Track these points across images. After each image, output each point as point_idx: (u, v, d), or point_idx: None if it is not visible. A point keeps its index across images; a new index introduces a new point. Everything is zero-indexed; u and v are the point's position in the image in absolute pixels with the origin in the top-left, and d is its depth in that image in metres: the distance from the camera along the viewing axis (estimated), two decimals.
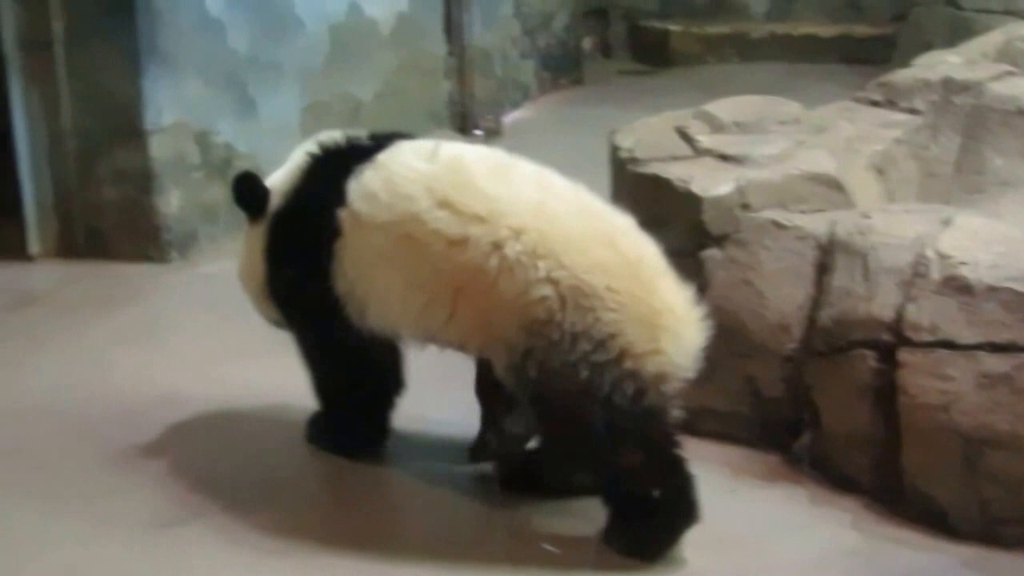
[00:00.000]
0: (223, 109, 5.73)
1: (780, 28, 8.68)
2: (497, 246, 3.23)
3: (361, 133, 3.67)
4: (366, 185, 3.44)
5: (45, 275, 5.47)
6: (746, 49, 8.65)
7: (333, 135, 3.68)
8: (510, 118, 7.67)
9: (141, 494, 3.72)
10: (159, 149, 5.45)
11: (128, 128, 5.42)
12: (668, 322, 3.17)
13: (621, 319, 3.13)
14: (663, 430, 3.23)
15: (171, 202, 5.50)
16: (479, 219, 3.25)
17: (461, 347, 3.40)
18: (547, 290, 3.18)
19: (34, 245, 5.59)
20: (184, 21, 5.51)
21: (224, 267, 5.24)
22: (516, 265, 3.20)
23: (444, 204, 3.31)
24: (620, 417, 3.15)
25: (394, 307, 3.44)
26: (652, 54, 8.84)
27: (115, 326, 4.90)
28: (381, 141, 3.58)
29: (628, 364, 3.14)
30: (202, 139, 5.62)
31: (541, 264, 3.18)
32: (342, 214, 3.47)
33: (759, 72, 8.07)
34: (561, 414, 3.24)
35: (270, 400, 4.19)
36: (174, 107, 5.50)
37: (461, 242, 3.27)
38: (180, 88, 5.52)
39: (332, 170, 3.54)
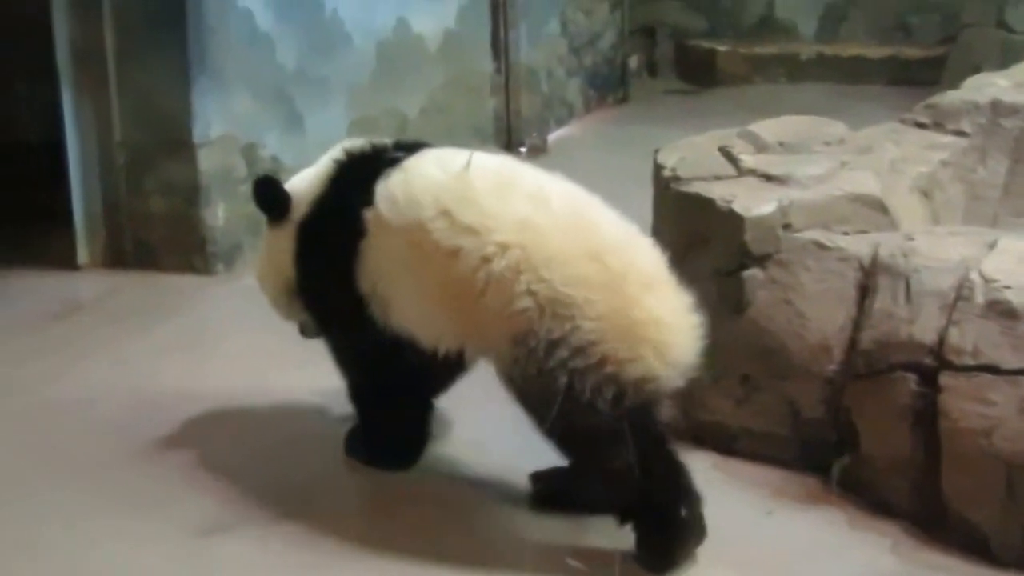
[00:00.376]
0: (270, 123, 5.76)
1: (828, 49, 8.64)
2: (485, 260, 3.34)
3: (386, 142, 3.75)
4: (390, 188, 3.54)
5: (92, 284, 5.52)
6: (794, 69, 8.62)
7: (358, 142, 3.76)
8: (555, 136, 7.68)
9: (182, 502, 3.74)
10: (207, 162, 5.49)
11: (177, 141, 5.47)
12: (650, 333, 3.24)
13: (601, 327, 3.22)
14: (650, 429, 3.30)
15: (217, 214, 5.54)
16: (471, 232, 3.36)
17: (461, 353, 3.48)
18: (527, 302, 3.28)
19: (82, 255, 5.64)
20: (233, 36, 5.55)
21: None
22: (501, 279, 3.31)
23: (445, 214, 3.41)
24: (605, 420, 3.23)
25: (407, 309, 3.53)
26: (699, 73, 8.82)
27: (159, 336, 4.94)
28: (408, 148, 3.67)
29: (609, 369, 3.22)
30: (249, 152, 5.66)
31: (523, 278, 3.29)
32: (368, 214, 3.55)
33: (807, 93, 8.05)
34: (550, 420, 3.31)
35: (312, 410, 4.23)
36: (222, 120, 5.54)
37: (454, 253, 3.38)
38: (228, 102, 5.56)
39: (361, 173, 3.63)
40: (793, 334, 3.74)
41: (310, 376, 4.19)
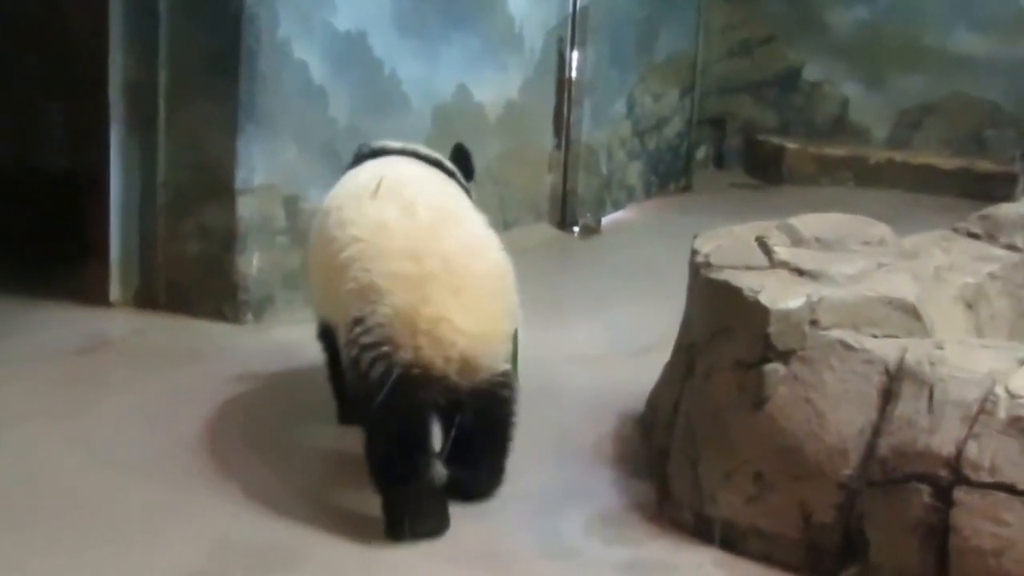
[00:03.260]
0: (315, 177, 5.77)
1: (899, 155, 8.60)
2: (341, 249, 3.98)
3: (388, 145, 4.53)
4: (340, 181, 4.40)
5: (120, 322, 5.58)
6: (863, 173, 8.58)
7: (378, 143, 4.60)
8: (611, 218, 7.67)
9: (181, 551, 3.75)
10: (246, 209, 5.54)
11: (218, 185, 5.53)
12: (433, 328, 3.73)
13: (391, 314, 3.76)
14: (408, 407, 3.74)
15: (252, 263, 5.57)
16: (342, 225, 4.05)
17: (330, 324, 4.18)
18: (352, 286, 3.87)
19: (114, 292, 5.70)
20: (286, 86, 5.61)
21: (297, 334, 5.33)
22: (344, 266, 3.94)
23: (338, 208, 4.15)
24: (374, 390, 3.72)
25: (311, 280, 4.45)
26: (766, 169, 8.81)
27: (179, 380, 4.97)
28: (386, 152, 4.46)
29: (385, 348, 3.73)
30: (290, 204, 5.69)
31: (355, 266, 3.90)
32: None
33: (873, 198, 7.98)
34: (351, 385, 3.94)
35: (325, 465, 4.22)
36: (266, 169, 5.59)
37: (332, 240, 4.06)
38: (274, 151, 5.61)
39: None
40: (811, 434, 3.69)
41: (326, 431, 4.24)
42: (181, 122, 5.57)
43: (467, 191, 4.47)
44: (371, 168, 4.35)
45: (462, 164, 4.61)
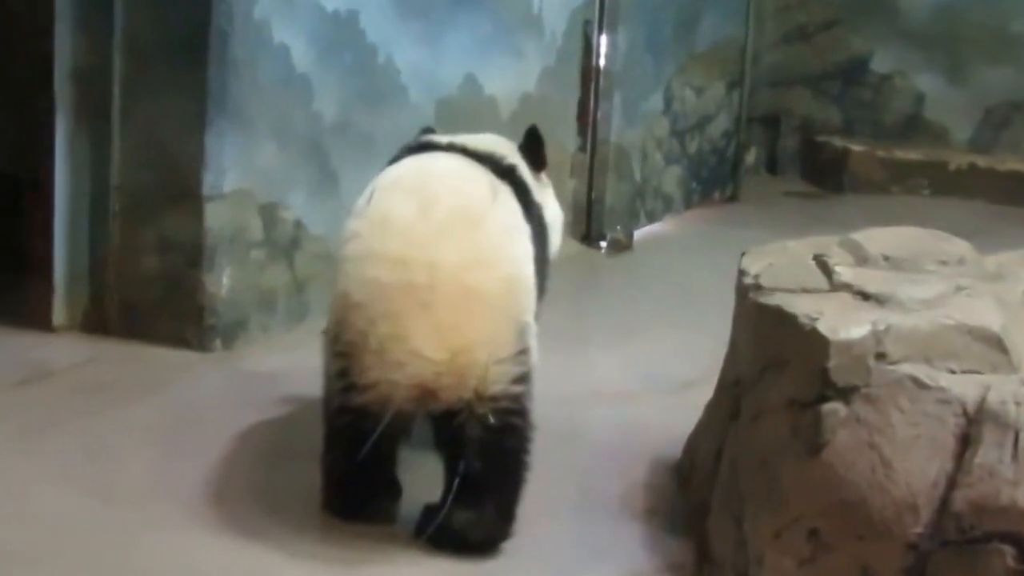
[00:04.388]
0: (297, 181, 5.85)
1: (983, 160, 8.65)
2: (344, 240, 4.14)
3: (440, 141, 4.56)
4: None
5: (66, 350, 5.60)
6: (940, 180, 8.63)
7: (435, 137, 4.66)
8: (644, 232, 7.72)
9: None
10: (215, 219, 5.57)
11: (182, 190, 5.56)
12: (387, 350, 3.87)
13: (355, 341, 3.93)
14: (351, 434, 3.97)
15: (221, 281, 5.61)
16: (353, 216, 4.16)
17: None
18: (337, 287, 4.06)
19: (59, 315, 5.74)
20: (263, 74, 5.66)
21: (274, 365, 5.38)
22: (340, 262, 4.11)
23: (362, 201, 4.19)
24: (333, 411, 4.06)
25: None
26: (826, 175, 8.86)
27: (131, 419, 4.99)
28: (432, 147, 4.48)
29: (340, 366, 3.98)
30: (268, 213, 5.75)
31: (344, 264, 4.07)
32: None
33: (951, 210, 8.01)
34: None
35: (299, 519, 4.25)
36: (240, 172, 5.64)
37: (344, 231, 4.19)
38: (249, 151, 5.66)
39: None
40: (876, 486, 3.70)
41: (303, 474, 4.28)
42: (139, 115, 5.61)
43: (525, 190, 4.43)
44: (408, 163, 4.38)
45: (530, 153, 4.63)
